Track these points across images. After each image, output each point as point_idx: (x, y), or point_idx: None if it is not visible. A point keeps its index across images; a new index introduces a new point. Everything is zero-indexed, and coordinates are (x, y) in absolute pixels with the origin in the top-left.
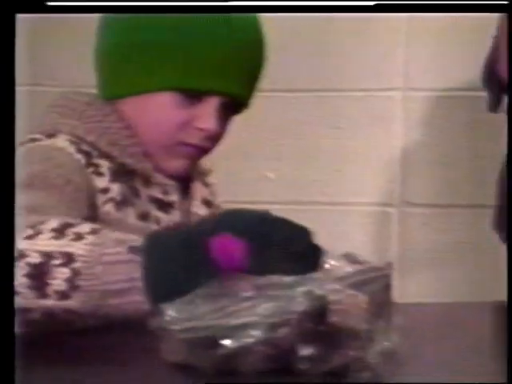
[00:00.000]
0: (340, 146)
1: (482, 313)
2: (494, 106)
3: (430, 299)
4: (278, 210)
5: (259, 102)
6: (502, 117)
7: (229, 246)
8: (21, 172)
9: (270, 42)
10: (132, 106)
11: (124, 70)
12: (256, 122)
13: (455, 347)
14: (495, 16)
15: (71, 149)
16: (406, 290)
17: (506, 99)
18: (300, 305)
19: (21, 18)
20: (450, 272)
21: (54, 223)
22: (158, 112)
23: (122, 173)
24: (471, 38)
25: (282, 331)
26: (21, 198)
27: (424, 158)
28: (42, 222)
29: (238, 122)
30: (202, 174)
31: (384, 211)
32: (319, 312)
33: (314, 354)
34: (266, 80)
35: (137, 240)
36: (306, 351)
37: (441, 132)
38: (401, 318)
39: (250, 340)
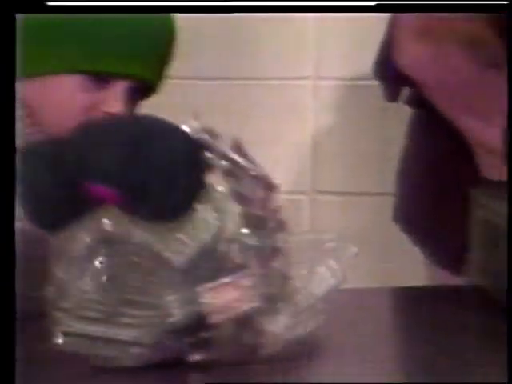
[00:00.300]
0: (254, 135)
1: (389, 298)
2: (391, 97)
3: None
4: None
5: (175, 89)
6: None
7: (101, 194)
8: None
9: (188, 30)
10: (35, 89)
11: (28, 51)
12: (171, 109)
13: (363, 332)
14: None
15: None
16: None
17: (404, 89)
18: (174, 320)
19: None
20: (360, 259)
21: None
22: (64, 95)
23: None
24: (380, 28)
25: (165, 345)
26: None
27: (335, 147)
28: None
29: (154, 110)
30: None
31: (295, 199)
32: (196, 321)
33: (204, 359)
34: (183, 68)
35: None
36: (195, 357)
37: (351, 120)
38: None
39: (133, 361)
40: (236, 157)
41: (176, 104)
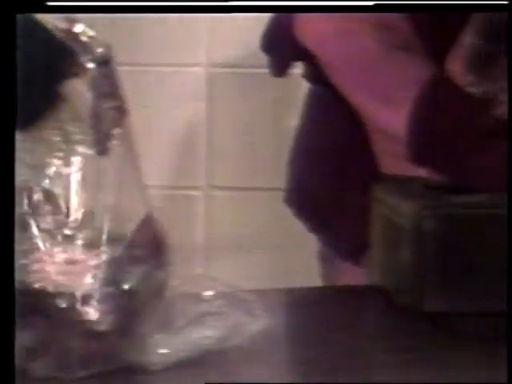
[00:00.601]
0: (144, 126)
1: (284, 300)
2: (279, 71)
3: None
4: None
5: None
6: (304, 95)
7: None
8: None
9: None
10: None
11: None
12: None
13: (257, 335)
14: None
15: None
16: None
17: (293, 64)
18: None
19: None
20: (258, 257)
21: None
22: None
23: None
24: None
25: None
26: None
27: (231, 139)
28: None
29: None
30: None
31: (189, 194)
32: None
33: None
34: None
35: None
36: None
37: (247, 111)
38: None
39: None
40: (99, 70)
41: None
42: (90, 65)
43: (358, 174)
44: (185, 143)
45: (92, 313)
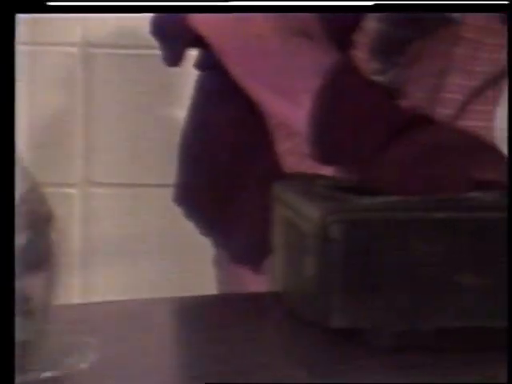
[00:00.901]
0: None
1: (174, 309)
2: (173, 60)
3: (120, 296)
4: None
5: None
6: (193, 81)
7: None
8: None
9: None
10: None
11: None
12: None
13: (141, 352)
14: None
15: None
16: (91, 286)
17: (188, 51)
18: None
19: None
20: (143, 262)
21: None
22: None
23: None
24: None
25: None
26: None
27: (111, 130)
28: None
29: None
30: None
31: (64, 192)
32: None
33: None
34: None
35: None
36: None
37: (127, 98)
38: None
39: None
40: None
41: None
42: None
43: (256, 172)
44: (58, 133)
45: None
